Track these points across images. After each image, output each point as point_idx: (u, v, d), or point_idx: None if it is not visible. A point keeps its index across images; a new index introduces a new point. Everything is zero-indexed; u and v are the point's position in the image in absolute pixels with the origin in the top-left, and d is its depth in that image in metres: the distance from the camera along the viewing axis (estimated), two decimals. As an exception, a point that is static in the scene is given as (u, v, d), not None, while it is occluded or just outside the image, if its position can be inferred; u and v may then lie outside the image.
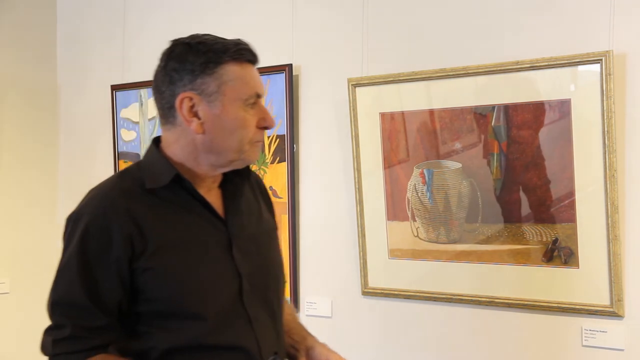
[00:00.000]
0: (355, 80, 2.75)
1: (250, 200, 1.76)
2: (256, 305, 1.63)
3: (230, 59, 1.55)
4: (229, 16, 3.20)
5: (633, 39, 2.28)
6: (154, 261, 1.52)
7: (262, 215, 1.79)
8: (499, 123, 2.48)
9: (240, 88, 1.55)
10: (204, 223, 1.61)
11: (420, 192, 2.68)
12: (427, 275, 2.69)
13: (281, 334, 1.73)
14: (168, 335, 1.53)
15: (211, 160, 1.60)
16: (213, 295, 1.56)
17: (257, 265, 1.66)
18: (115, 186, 1.60)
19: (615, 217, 2.28)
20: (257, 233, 1.73)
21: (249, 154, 1.60)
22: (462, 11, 2.60)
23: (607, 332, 2.35)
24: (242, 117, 1.56)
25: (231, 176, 1.69)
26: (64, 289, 1.54)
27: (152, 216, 1.54)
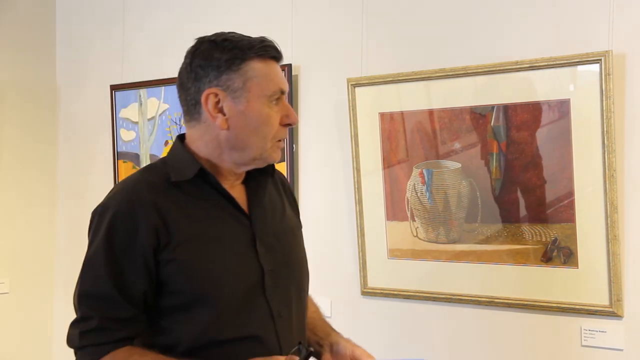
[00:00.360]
0: (355, 80, 2.75)
1: (274, 197, 1.77)
2: (279, 300, 1.64)
3: (255, 56, 1.57)
4: (228, 16, 3.19)
5: (632, 38, 2.28)
6: (178, 253, 1.54)
7: (286, 212, 1.80)
8: (499, 123, 2.48)
9: (265, 84, 1.57)
10: (228, 217, 1.62)
11: (419, 192, 2.68)
12: (427, 275, 2.70)
13: (303, 330, 1.74)
14: (189, 328, 1.55)
15: (234, 157, 1.61)
16: (236, 287, 1.57)
17: (280, 261, 1.67)
18: (141, 180, 1.62)
19: (614, 217, 2.28)
20: (281, 229, 1.74)
21: (271, 152, 1.61)
22: (461, 11, 2.60)
23: (607, 332, 2.35)
24: (266, 113, 1.57)
25: (255, 173, 1.70)
26: (90, 281, 1.55)
27: (177, 209, 1.56)
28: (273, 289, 1.62)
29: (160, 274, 1.54)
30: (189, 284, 1.54)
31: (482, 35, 2.56)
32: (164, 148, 3.40)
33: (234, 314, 1.56)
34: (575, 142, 2.34)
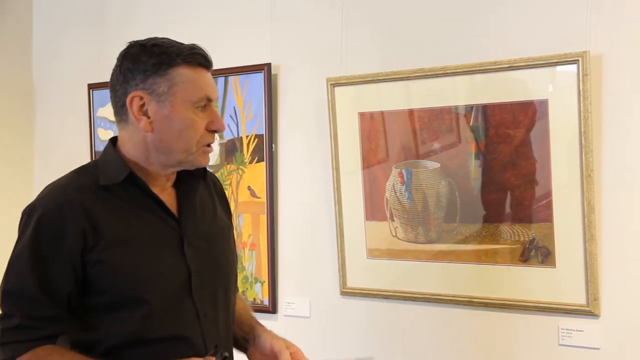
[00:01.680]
0: (334, 80, 2.75)
1: (204, 199, 1.81)
2: (206, 301, 1.68)
3: (183, 62, 1.60)
4: (208, 16, 3.18)
5: (609, 39, 2.30)
6: (106, 255, 1.57)
7: (217, 215, 1.83)
8: (477, 123, 2.49)
9: (190, 90, 1.60)
10: (156, 220, 1.66)
11: (398, 192, 2.68)
12: (406, 275, 2.70)
13: (229, 329, 1.79)
14: (116, 327, 1.58)
15: (161, 160, 1.65)
16: (162, 288, 1.61)
17: (208, 262, 1.71)
18: (71, 182, 1.65)
19: (591, 216, 2.30)
20: (211, 231, 1.77)
21: (196, 156, 1.65)
22: (440, 11, 2.61)
23: (584, 331, 2.36)
24: (190, 118, 1.61)
25: (186, 177, 1.74)
26: (15, 279, 1.57)
27: (106, 212, 1.59)
28: (199, 290, 1.67)
29: (88, 274, 1.57)
30: (116, 284, 1.58)
31: (461, 35, 2.56)
32: (142, 147, 3.37)
33: (161, 313, 1.60)
34: (553, 142, 2.35)
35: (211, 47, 2.63)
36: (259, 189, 2.98)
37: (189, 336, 1.63)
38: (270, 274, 2.96)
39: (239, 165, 3.02)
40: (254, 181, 2.99)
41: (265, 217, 2.95)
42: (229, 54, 2.85)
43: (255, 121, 2.95)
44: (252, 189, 2.98)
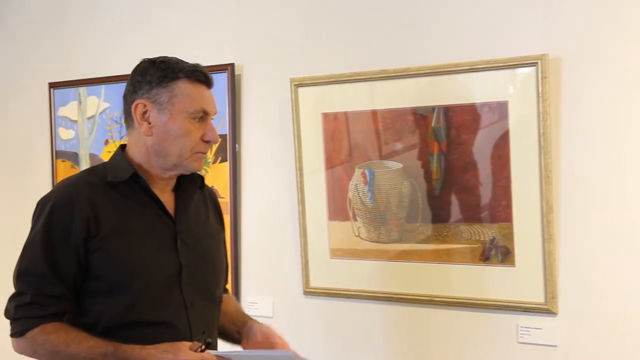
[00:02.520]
0: (298, 81, 2.76)
1: (199, 207, 1.99)
2: (194, 294, 1.85)
3: (184, 77, 1.80)
4: (172, 16, 3.17)
5: (567, 42, 2.34)
6: (105, 243, 1.76)
7: (209, 222, 2.02)
8: (439, 124, 2.52)
9: (188, 102, 1.80)
10: (154, 217, 1.85)
11: (361, 192, 2.70)
12: (368, 275, 2.72)
13: (215, 322, 1.96)
14: (110, 310, 1.76)
15: (159, 163, 1.84)
16: (152, 277, 1.79)
17: (198, 260, 1.89)
18: (80, 178, 1.88)
19: (550, 216, 2.34)
20: (202, 234, 1.95)
21: (190, 161, 1.83)
22: (402, 13, 2.64)
23: (542, 328, 2.41)
24: (186, 127, 1.80)
25: (185, 183, 1.93)
26: (28, 261, 1.78)
27: (109, 206, 1.79)
28: (188, 283, 1.84)
29: (88, 260, 1.76)
30: (111, 270, 1.76)
31: (424, 37, 2.59)
32: (104, 147, 3.35)
33: (151, 300, 1.78)
34: (512, 143, 2.39)
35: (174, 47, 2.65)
36: (222, 189, 2.98)
37: (176, 323, 1.80)
38: (233, 274, 2.96)
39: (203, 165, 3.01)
40: (217, 181, 2.99)
41: (229, 217, 2.95)
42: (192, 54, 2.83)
43: (219, 121, 2.94)
44: (216, 189, 2.97)
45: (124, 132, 3.24)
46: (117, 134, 3.31)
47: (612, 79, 2.28)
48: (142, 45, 3.19)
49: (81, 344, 1.70)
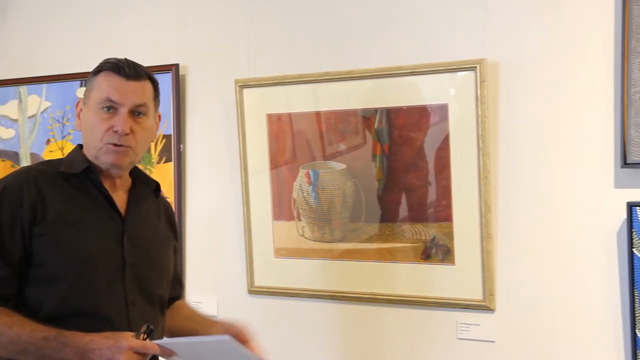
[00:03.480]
0: (243, 82, 2.78)
1: (151, 211, 2.01)
2: (136, 292, 1.86)
3: (102, 71, 1.84)
4: (116, 16, 3.14)
5: (505, 47, 2.41)
6: (49, 230, 1.76)
7: (159, 228, 2.03)
8: (382, 126, 2.57)
9: (96, 94, 1.83)
10: (103, 212, 1.86)
11: (305, 192, 2.74)
12: (313, 274, 2.75)
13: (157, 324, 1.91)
14: (52, 299, 1.76)
15: (91, 158, 1.87)
16: (95, 269, 1.79)
17: (143, 259, 1.90)
18: (34, 166, 1.93)
19: (488, 216, 2.41)
20: (150, 236, 1.96)
21: (102, 152, 1.83)
22: (347, 17, 2.68)
23: (480, 325, 2.48)
24: (92, 118, 1.83)
25: (140, 186, 1.97)
26: None
27: (58, 194, 1.81)
28: (131, 280, 1.85)
29: (32, 246, 1.76)
30: (53, 258, 1.76)
31: (368, 40, 2.64)
32: (45, 147, 3.31)
33: (90, 292, 1.78)
34: (452, 145, 2.46)
35: (119, 47, 2.64)
36: (167, 189, 2.97)
37: (115, 319, 1.79)
38: (178, 273, 2.96)
39: (147, 165, 3.01)
40: (161, 181, 2.91)
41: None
42: (136, 54, 2.82)
43: (163, 121, 2.94)
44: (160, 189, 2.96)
45: (66, 131, 3.22)
46: (59, 134, 3.27)
47: (545, 83, 2.37)
48: (87, 45, 3.16)
49: (23, 327, 1.69)
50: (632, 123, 2.19)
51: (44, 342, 1.68)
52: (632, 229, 2.19)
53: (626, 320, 2.25)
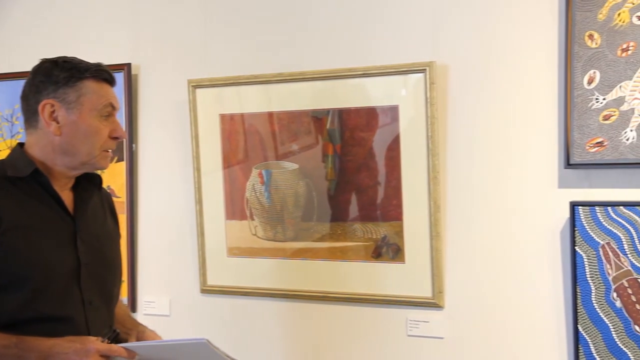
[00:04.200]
0: (196, 82, 2.79)
1: (97, 207, 2.01)
2: (92, 291, 1.87)
3: (90, 76, 1.84)
4: (69, 14, 3.11)
5: (453, 51, 2.47)
6: (4, 238, 1.74)
7: (107, 222, 2.05)
8: (334, 126, 2.61)
9: (96, 100, 1.84)
10: (54, 214, 1.85)
11: (258, 192, 2.76)
12: (265, 273, 2.77)
13: (112, 319, 1.97)
14: (10, 306, 1.74)
15: (65, 162, 1.85)
16: (52, 274, 1.79)
17: (97, 258, 1.91)
18: None
19: (437, 215, 2.46)
20: (101, 234, 1.97)
21: (99, 159, 1.86)
22: (299, 18, 2.71)
23: (429, 322, 2.53)
24: (96, 125, 1.83)
25: (84, 182, 1.95)
26: None
27: (9, 201, 1.79)
28: (87, 280, 1.85)
29: None
30: (10, 265, 1.74)
31: (320, 42, 2.67)
32: (-8, 146, 3.26)
33: (49, 296, 1.77)
34: (403, 146, 2.50)
35: (70, 46, 2.61)
36: (119, 189, 2.97)
37: (74, 320, 1.80)
38: (130, 273, 2.96)
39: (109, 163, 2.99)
40: (113, 181, 2.97)
41: (125, 216, 2.94)
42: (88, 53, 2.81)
43: (115, 120, 2.93)
44: (112, 188, 2.95)
45: (15, 130, 3.18)
46: (8, 132, 3.22)
47: (492, 85, 2.43)
48: (36, 44, 3.13)
49: None
50: (575, 125, 2.26)
51: (4, 350, 1.67)
52: (575, 228, 2.27)
53: (569, 315, 2.33)
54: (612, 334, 2.24)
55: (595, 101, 2.24)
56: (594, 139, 2.24)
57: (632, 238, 2.20)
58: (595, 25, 2.24)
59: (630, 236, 2.21)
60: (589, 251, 2.25)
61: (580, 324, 2.27)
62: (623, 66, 2.20)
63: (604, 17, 2.22)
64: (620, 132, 2.21)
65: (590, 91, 2.24)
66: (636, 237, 2.20)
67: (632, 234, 2.20)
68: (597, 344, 2.26)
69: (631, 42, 2.20)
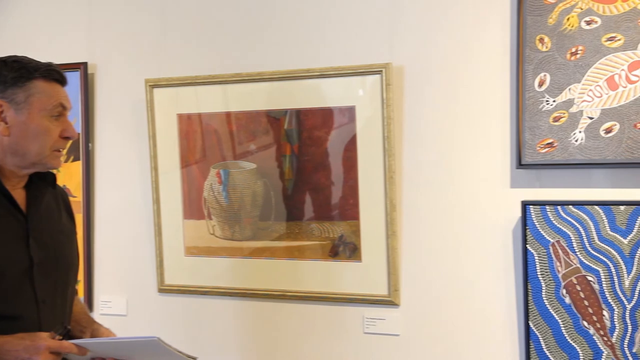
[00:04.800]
0: (153, 81, 2.78)
1: (51, 204, 1.99)
2: (45, 289, 1.86)
3: (40, 77, 1.82)
4: (25, 13, 3.08)
5: (409, 53, 2.51)
6: None
7: (62, 220, 2.02)
8: (291, 127, 2.63)
9: (46, 100, 1.82)
10: (5, 213, 1.83)
11: (216, 192, 2.77)
12: (223, 272, 2.79)
13: (65, 317, 1.95)
14: None
15: (16, 162, 1.83)
16: (4, 271, 1.77)
17: (50, 257, 1.89)
18: None
19: (393, 214, 2.50)
20: (54, 232, 1.95)
21: (50, 159, 1.85)
22: (257, 18, 2.72)
23: (386, 319, 2.57)
24: (45, 125, 1.82)
25: (37, 181, 1.93)
26: None
27: None
28: (40, 279, 1.84)
29: None
30: None
31: (278, 43, 2.69)
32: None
33: (1, 295, 1.76)
34: (360, 146, 2.54)
35: (26, 46, 2.60)
36: (75, 188, 2.95)
37: (27, 318, 1.79)
38: (87, 273, 2.94)
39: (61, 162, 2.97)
40: (69, 180, 2.95)
41: (82, 216, 2.93)
42: (44, 52, 2.79)
43: (71, 120, 2.90)
44: (68, 188, 2.93)
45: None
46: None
47: (446, 87, 2.48)
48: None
49: None
50: (527, 127, 2.32)
51: None
52: (526, 226, 2.33)
53: (520, 312, 2.39)
54: (561, 329, 2.30)
55: (545, 103, 2.30)
56: (544, 140, 2.30)
57: (581, 236, 2.27)
58: (546, 30, 2.30)
59: (579, 234, 2.27)
60: (540, 249, 2.32)
61: (531, 320, 2.34)
62: (572, 69, 2.27)
63: (554, 21, 2.29)
64: (569, 133, 2.27)
65: (540, 93, 2.30)
66: (585, 236, 2.27)
67: (581, 233, 2.27)
68: (547, 339, 2.32)
69: (580, 46, 2.26)
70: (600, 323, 2.27)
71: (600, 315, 2.26)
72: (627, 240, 2.23)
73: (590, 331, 2.27)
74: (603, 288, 2.25)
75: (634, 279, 2.22)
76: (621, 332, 2.24)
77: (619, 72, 2.23)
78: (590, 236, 2.26)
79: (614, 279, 2.24)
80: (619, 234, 2.24)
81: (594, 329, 2.27)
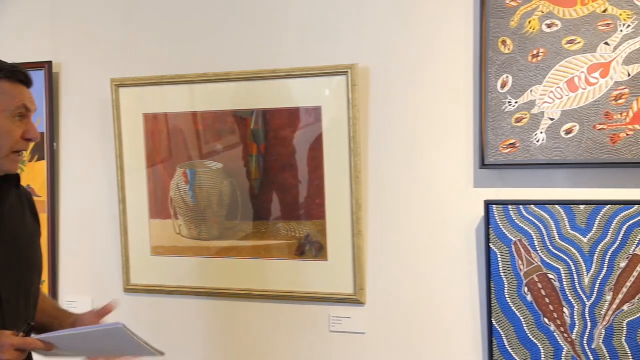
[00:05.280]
0: (119, 81, 2.77)
1: (14, 205, 1.96)
2: (8, 289, 1.84)
3: (4, 77, 1.80)
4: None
5: (375, 54, 2.53)
6: None
7: (25, 220, 2.00)
8: (258, 127, 2.64)
9: (8, 101, 1.80)
10: None
11: (182, 191, 2.77)
12: (190, 272, 2.79)
13: (31, 317, 1.94)
14: None
15: None
16: None
17: (15, 257, 1.88)
18: None
19: (359, 214, 2.53)
20: (19, 232, 1.93)
21: (6, 161, 1.82)
22: (224, 18, 2.72)
23: (351, 318, 2.59)
24: (7, 126, 1.79)
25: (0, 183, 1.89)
26: None
27: None
28: (3, 279, 1.83)
29: None
30: None
31: (245, 43, 2.69)
32: None
33: None
34: (326, 146, 2.55)
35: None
36: (39, 188, 2.93)
37: None
38: (51, 273, 2.92)
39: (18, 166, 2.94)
40: (33, 180, 2.93)
41: (47, 216, 2.91)
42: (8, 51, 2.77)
43: (36, 119, 2.88)
44: (32, 187, 2.91)
45: None
46: None
47: (411, 88, 2.50)
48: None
49: None
50: (490, 127, 2.36)
51: None
52: (489, 226, 2.37)
53: (483, 310, 2.43)
54: (523, 326, 2.35)
55: (508, 104, 2.34)
56: (507, 140, 2.34)
57: (542, 235, 2.32)
58: (508, 32, 2.34)
59: (540, 233, 2.32)
60: (502, 248, 2.36)
61: (494, 318, 2.38)
62: (534, 71, 2.31)
63: (516, 24, 2.33)
64: (531, 134, 2.31)
65: (503, 95, 2.34)
66: (546, 235, 2.31)
67: (542, 232, 2.32)
68: (509, 336, 2.36)
69: (541, 49, 2.31)
70: (560, 320, 2.31)
71: (560, 313, 2.31)
72: (586, 239, 2.28)
73: (551, 328, 2.32)
74: (564, 286, 2.30)
75: (593, 276, 2.28)
76: (581, 328, 2.30)
77: (578, 75, 2.27)
78: (551, 235, 2.31)
79: (574, 276, 2.29)
80: (579, 233, 2.29)
81: (555, 326, 2.32)
